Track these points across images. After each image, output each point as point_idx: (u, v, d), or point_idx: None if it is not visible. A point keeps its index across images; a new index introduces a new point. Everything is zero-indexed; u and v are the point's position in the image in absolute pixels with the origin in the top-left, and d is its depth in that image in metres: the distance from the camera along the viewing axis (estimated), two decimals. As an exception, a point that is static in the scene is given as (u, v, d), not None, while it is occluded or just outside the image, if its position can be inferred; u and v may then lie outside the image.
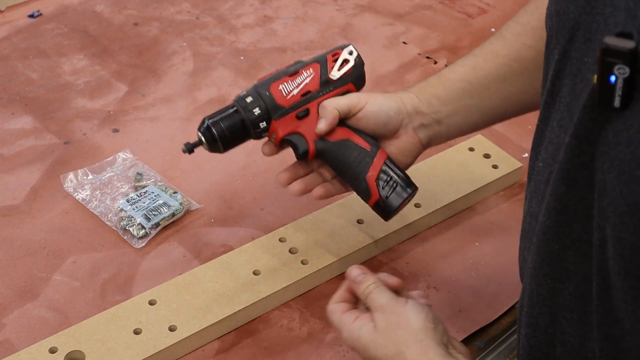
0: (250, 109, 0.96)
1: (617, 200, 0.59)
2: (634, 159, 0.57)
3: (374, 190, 0.97)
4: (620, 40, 0.57)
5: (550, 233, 0.71)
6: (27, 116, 1.34)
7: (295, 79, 0.98)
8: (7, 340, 0.98)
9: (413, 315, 0.81)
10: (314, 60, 0.99)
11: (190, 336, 0.96)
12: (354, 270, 0.86)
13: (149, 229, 1.11)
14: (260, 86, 0.97)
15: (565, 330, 0.73)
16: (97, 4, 1.64)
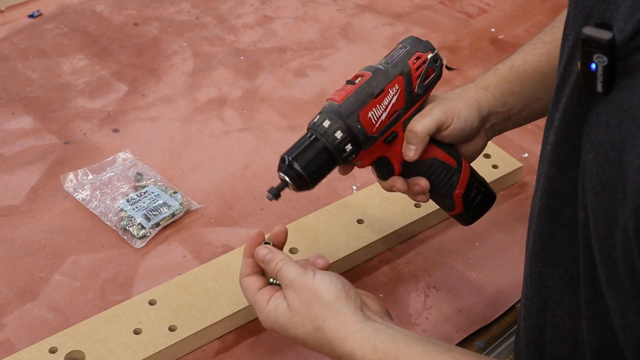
0: (342, 146, 0.86)
1: (593, 179, 0.61)
2: (609, 141, 0.59)
3: (458, 205, 0.96)
4: (599, 31, 0.59)
5: (542, 215, 0.73)
6: (27, 116, 1.34)
7: (382, 101, 0.87)
8: (7, 340, 0.98)
9: (323, 288, 0.80)
10: (396, 72, 0.89)
11: (190, 336, 0.96)
12: (261, 250, 0.85)
13: (149, 229, 1.11)
14: (348, 116, 0.86)
15: (556, 313, 0.74)
16: (97, 4, 1.64)
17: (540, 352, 0.78)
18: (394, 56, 0.90)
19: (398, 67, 0.89)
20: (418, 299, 1.05)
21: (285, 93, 1.42)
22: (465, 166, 0.95)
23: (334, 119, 0.86)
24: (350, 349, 0.77)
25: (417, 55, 0.90)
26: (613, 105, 0.60)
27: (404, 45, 0.91)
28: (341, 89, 0.89)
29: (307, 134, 0.87)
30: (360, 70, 0.90)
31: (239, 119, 1.35)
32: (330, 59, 1.51)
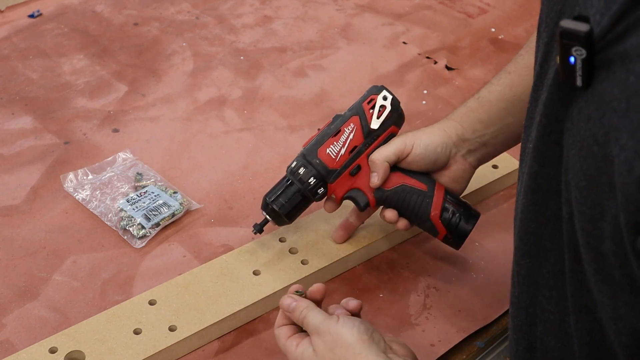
0: (305, 180, 1.00)
1: (577, 175, 0.62)
2: (591, 135, 0.60)
3: (440, 227, 1.02)
4: (576, 23, 0.60)
5: (527, 212, 0.74)
6: (27, 116, 1.34)
7: (339, 138, 1.00)
8: (7, 340, 0.98)
9: (346, 331, 0.82)
10: (351, 114, 1.01)
11: (190, 336, 0.96)
12: (285, 300, 0.88)
13: (149, 229, 1.11)
14: (308, 154, 1.00)
15: (545, 308, 0.75)
16: (97, 4, 1.64)
17: (530, 348, 0.78)
18: (353, 105, 1.03)
19: (354, 109, 1.02)
20: (418, 299, 1.05)
21: (285, 93, 1.42)
22: (438, 188, 1.02)
23: (299, 159, 1.01)
24: None
25: (371, 98, 1.02)
26: (594, 99, 0.60)
27: (364, 93, 1.04)
28: (310, 137, 1.02)
29: (285, 178, 1.02)
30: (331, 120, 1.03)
31: (239, 119, 1.35)
32: (330, 59, 1.51)
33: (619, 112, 0.57)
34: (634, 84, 0.56)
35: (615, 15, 0.59)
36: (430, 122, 1.34)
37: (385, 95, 1.02)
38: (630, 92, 0.56)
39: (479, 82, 1.46)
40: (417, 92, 1.42)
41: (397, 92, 1.42)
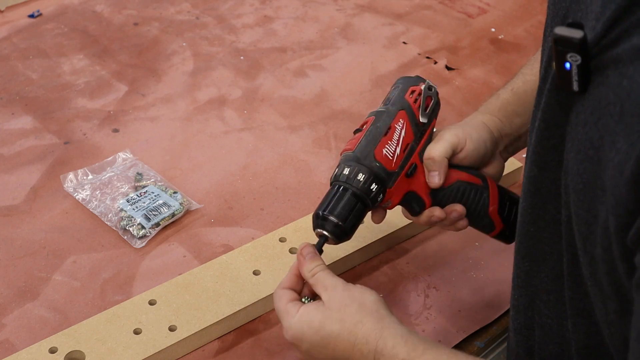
0: (366, 186, 0.87)
1: (574, 178, 0.62)
2: (587, 139, 0.60)
3: (497, 222, 0.96)
4: (570, 30, 0.60)
5: (526, 215, 0.74)
6: (27, 116, 1.34)
7: (392, 136, 0.90)
8: (7, 340, 0.98)
9: (366, 292, 0.82)
10: (396, 108, 0.91)
11: (190, 336, 0.96)
12: (306, 247, 0.86)
13: (149, 229, 1.11)
14: (364, 158, 0.88)
15: (543, 313, 0.75)
16: (97, 4, 1.64)
17: (529, 352, 0.78)
18: (390, 97, 0.93)
19: (397, 104, 0.92)
20: (418, 299, 1.05)
21: (285, 93, 1.42)
22: (491, 183, 0.96)
23: (352, 164, 0.88)
24: (385, 340, 0.77)
25: (412, 90, 0.93)
26: (589, 103, 0.61)
27: (397, 85, 0.94)
28: (351, 139, 0.91)
29: (332, 187, 0.89)
30: (365, 119, 0.93)
31: (239, 119, 1.35)
32: (330, 59, 1.51)
33: (614, 116, 0.57)
34: (627, 87, 0.57)
35: (608, 22, 0.60)
36: (430, 122, 1.35)
37: (430, 85, 0.93)
38: (623, 95, 0.57)
39: (479, 82, 1.46)
40: (417, 92, 1.42)
41: (397, 92, 1.42)
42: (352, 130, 1.26)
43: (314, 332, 0.80)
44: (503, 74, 1.48)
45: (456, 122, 1.35)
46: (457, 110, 1.38)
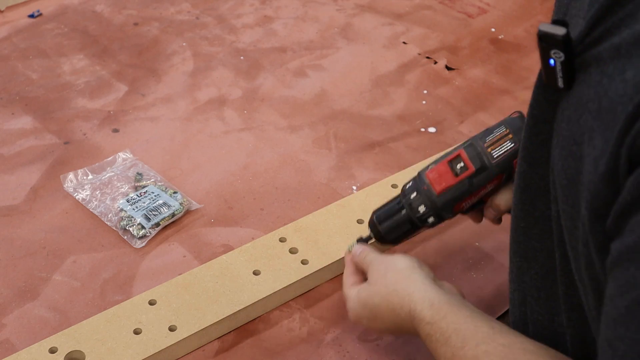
0: (428, 224, 0.94)
1: (560, 174, 0.64)
2: (571, 136, 0.62)
3: None
4: (554, 27, 0.61)
5: (517, 211, 0.75)
6: (27, 116, 1.34)
7: (478, 194, 0.91)
8: (7, 340, 0.98)
9: (399, 260, 0.89)
10: (499, 171, 0.89)
11: (190, 336, 0.96)
12: (356, 247, 0.95)
13: (149, 229, 1.11)
14: (443, 208, 0.92)
15: (534, 309, 0.76)
16: (97, 4, 1.64)
17: None
18: (500, 152, 0.89)
19: (502, 167, 0.89)
20: (418, 299, 1.05)
21: (285, 93, 1.42)
22: None
23: (429, 206, 0.92)
24: (415, 304, 0.82)
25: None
26: (573, 100, 0.62)
27: (513, 139, 0.89)
28: (441, 175, 0.91)
29: (398, 204, 0.95)
30: (463, 151, 0.91)
31: (239, 119, 1.35)
32: (330, 59, 1.51)
33: (592, 113, 0.58)
34: (605, 85, 0.58)
35: (592, 20, 0.61)
36: (431, 122, 1.35)
37: None
38: (601, 93, 0.58)
39: (479, 82, 1.46)
40: (417, 92, 1.42)
41: (398, 92, 1.42)
42: (352, 131, 1.26)
43: (364, 308, 0.88)
44: (503, 74, 1.48)
45: (456, 122, 1.36)
46: (457, 110, 1.38)
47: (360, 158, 1.26)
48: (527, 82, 1.46)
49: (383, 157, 1.27)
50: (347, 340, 0.99)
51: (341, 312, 1.03)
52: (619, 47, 0.58)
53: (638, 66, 0.55)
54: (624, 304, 0.53)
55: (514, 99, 1.42)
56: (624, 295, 0.53)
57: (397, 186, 1.17)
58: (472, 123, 1.35)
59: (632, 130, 0.54)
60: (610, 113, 0.56)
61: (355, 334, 1.00)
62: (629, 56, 0.56)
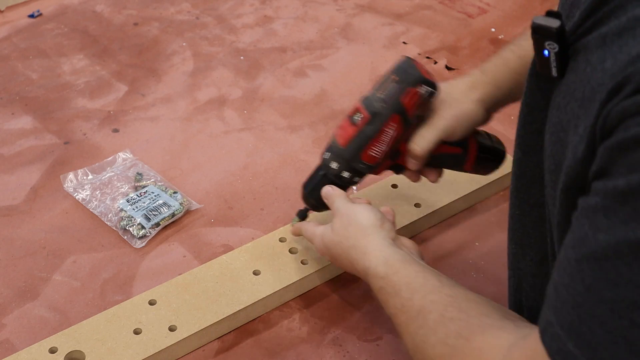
0: (350, 179, 0.99)
1: (548, 159, 0.65)
2: (559, 122, 0.63)
3: (470, 170, 1.06)
4: (548, 19, 0.63)
5: (513, 198, 0.77)
6: (27, 116, 1.34)
7: (380, 138, 0.95)
8: (7, 340, 0.98)
9: (362, 214, 0.93)
10: (390, 111, 0.94)
11: (190, 336, 0.96)
12: (326, 187, 0.99)
13: (149, 229, 1.11)
14: (352, 159, 0.96)
15: (529, 295, 0.78)
16: (97, 4, 1.64)
17: None
18: (388, 92, 0.94)
19: (392, 106, 0.94)
20: (418, 299, 1.05)
21: (285, 93, 1.42)
22: (472, 146, 1.02)
23: (340, 162, 0.97)
24: (370, 262, 0.88)
25: (408, 91, 0.94)
26: (563, 87, 0.63)
27: (397, 78, 0.94)
28: (344, 128, 0.97)
29: (319, 170, 1.00)
30: (360, 104, 0.96)
31: (239, 119, 1.35)
32: (330, 59, 1.51)
33: (578, 101, 0.60)
34: (589, 73, 0.59)
35: (585, 12, 0.62)
36: (430, 122, 1.35)
37: (428, 90, 0.93)
38: (585, 81, 0.59)
39: (479, 82, 1.46)
40: (417, 92, 1.42)
41: (397, 92, 1.42)
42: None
43: (327, 251, 0.96)
44: (503, 74, 1.48)
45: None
46: (457, 110, 1.38)
47: (360, 158, 1.26)
48: (527, 82, 1.46)
49: (383, 157, 1.27)
50: (347, 340, 0.99)
51: (341, 312, 1.03)
52: (604, 37, 0.59)
53: (616, 56, 0.56)
54: (573, 256, 0.57)
55: (514, 99, 1.42)
56: (575, 248, 0.57)
57: (397, 186, 1.17)
58: (472, 123, 1.35)
59: (603, 112, 0.55)
60: (591, 102, 0.58)
61: (355, 334, 1.00)
62: (611, 45, 0.58)
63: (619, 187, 0.53)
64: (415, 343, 0.76)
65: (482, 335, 0.70)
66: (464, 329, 0.72)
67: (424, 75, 0.94)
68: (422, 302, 0.77)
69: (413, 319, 0.77)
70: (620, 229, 0.53)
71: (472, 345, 0.70)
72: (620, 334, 0.53)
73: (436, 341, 0.73)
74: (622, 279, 0.53)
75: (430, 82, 0.94)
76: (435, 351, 0.73)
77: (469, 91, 0.98)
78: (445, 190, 1.17)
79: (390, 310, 0.83)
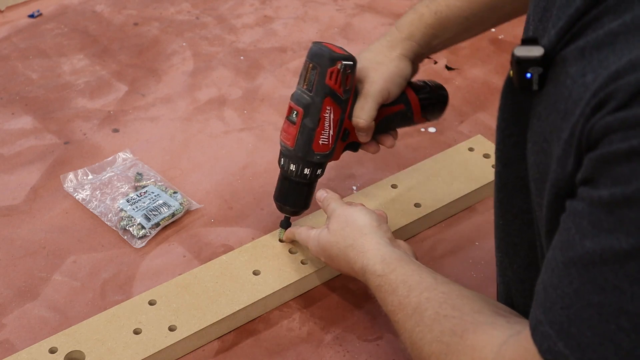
0: (313, 176, 1.02)
1: (532, 167, 0.67)
2: (541, 132, 0.64)
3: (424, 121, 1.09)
4: (529, 48, 0.64)
5: (496, 209, 0.78)
6: (27, 116, 1.34)
7: (324, 126, 0.99)
8: (7, 340, 0.98)
9: (358, 216, 0.95)
10: (321, 97, 0.97)
11: (190, 336, 0.96)
12: (319, 191, 1.04)
13: (149, 229, 1.11)
14: (306, 154, 0.99)
15: (519, 301, 0.79)
16: (97, 4, 1.64)
17: None
18: (311, 82, 0.97)
19: (321, 92, 0.97)
20: (418, 299, 1.05)
21: (285, 93, 1.42)
22: (412, 96, 1.05)
23: (296, 162, 1.00)
24: (368, 260, 0.90)
25: (330, 72, 0.96)
26: (543, 98, 0.65)
27: (314, 65, 0.97)
28: (286, 130, 1.00)
29: (281, 178, 1.03)
30: (291, 102, 0.99)
31: (239, 119, 1.35)
32: (330, 59, 1.51)
33: (560, 113, 0.61)
34: (569, 86, 0.60)
35: (563, 29, 0.63)
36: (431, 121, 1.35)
37: (346, 65, 0.96)
38: (566, 94, 0.60)
39: (479, 82, 1.46)
40: (417, 92, 1.42)
41: (397, 92, 1.42)
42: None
43: (323, 252, 0.97)
44: (503, 74, 1.48)
45: (456, 121, 1.36)
46: (457, 110, 1.38)
47: (360, 158, 1.26)
48: (527, 82, 1.46)
49: (383, 157, 1.27)
50: (347, 340, 0.99)
51: (341, 312, 1.03)
52: (583, 49, 0.60)
53: (597, 70, 0.58)
54: (561, 258, 0.59)
55: (514, 99, 1.42)
56: (563, 251, 0.59)
57: (397, 186, 1.17)
58: (472, 123, 1.35)
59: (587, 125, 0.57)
60: (572, 114, 0.59)
61: (355, 334, 1.00)
62: (591, 59, 0.59)
63: (603, 198, 0.55)
64: (413, 340, 0.77)
65: (475, 333, 0.71)
66: (457, 326, 0.73)
67: (337, 52, 0.97)
68: (418, 300, 0.79)
69: (410, 316, 0.79)
70: (605, 238, 0.55)
71: (465, 342, 0.71)
72: (608, 337, 0.55)
73: (432, 339, 0.74)
74: (609, 285, 0.55)
75: (345, 56, 0.97)
76: (431, 348, 0.74)
77: (389, 51, 1.02)
78: (445, 190, 1.17)
79: (388, 308, 0.84)
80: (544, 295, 0.61)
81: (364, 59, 1.01)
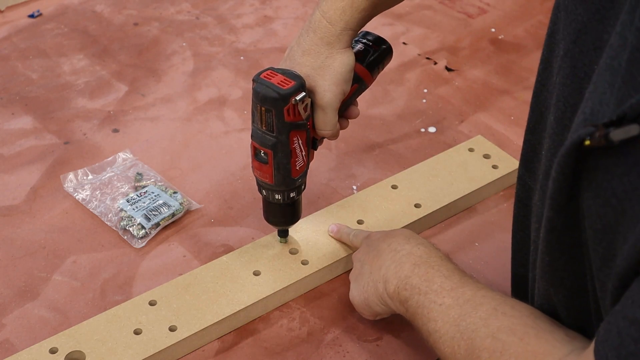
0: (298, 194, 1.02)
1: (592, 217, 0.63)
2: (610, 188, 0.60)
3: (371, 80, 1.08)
4: (627, 130, 0.58)
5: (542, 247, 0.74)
6: (27, 116, 1.34)
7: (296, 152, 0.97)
8: (7, 340, 0.98)
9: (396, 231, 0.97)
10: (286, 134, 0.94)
11: (190, 336, 0.96)
12: (332, 226, 1.08)
13: (149, 229, 1.11)
14: (288, 184, 0.99)
15: (565, 322, 0.76)
16: (97, 4, 1.64)
17: None
18: (270, 124, 0.94)
19: (283, 130, 0.94)
20: (418, 299, 1.05)
21: (285, 93, 1.42)
22: (362, 73, 1.04)
23: (280, 192, 1.00)
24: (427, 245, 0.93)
25: (286, 110, 0.93)
26: (614, 153, 0.60)
27: (267, 108, 0.93)
28: (261, 169, 0.98)
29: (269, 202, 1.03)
30: (256, 143, 0.96)
31: (239, 119, 1.35)
32: (330, 59, 1.51)
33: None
34: None
35: (622, 111, 0.59)
36: (431, 121, 1.35)
37: (299, 96, 0.93)
38: None
39: (479, 83, 1.46)
40: (417, 91, 1.42)
41: (398, 91, 1.42)
42: (352, 131, 1.26)
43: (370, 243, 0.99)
44: (503, 74, 1.48)
45: (456, 121, 1.36)
46: (457, 110, 1.38)
47: (360, 158, 1.26)
48: (526, 82, 1.46)
49: (383, 157, 1.27)
50: (347, 340, 0.99)
51: (341, 312, 1.03)
52: None
53: None
54: None
55: (514, 99, 1.42)
56: None
57: (397, 187, 1.17)
58: (472, 123, 1.35)
59: None
60: None
61: (355, 334, 1.00)
62: None
63: None
64: (460, 330, 0.76)
65: (536, 338, 0.69)
66: (517, 326, 0.71)
67: (284, 88, 0.92)
68: (473, 293, 0.79)
69: (460, 305, 0.78)
70: None
71: (525, 347, 0.69)
72: None
73: (486, 333, 0.73)
74: None
75: (294, 88, 0.92)
76: (484, 343, 0.73)
77: (327, 49, 0.97)
78: (445, 191, 1.17)
79: (432, 287, 0.84)
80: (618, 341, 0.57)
81: (303, 66, 0.97)
